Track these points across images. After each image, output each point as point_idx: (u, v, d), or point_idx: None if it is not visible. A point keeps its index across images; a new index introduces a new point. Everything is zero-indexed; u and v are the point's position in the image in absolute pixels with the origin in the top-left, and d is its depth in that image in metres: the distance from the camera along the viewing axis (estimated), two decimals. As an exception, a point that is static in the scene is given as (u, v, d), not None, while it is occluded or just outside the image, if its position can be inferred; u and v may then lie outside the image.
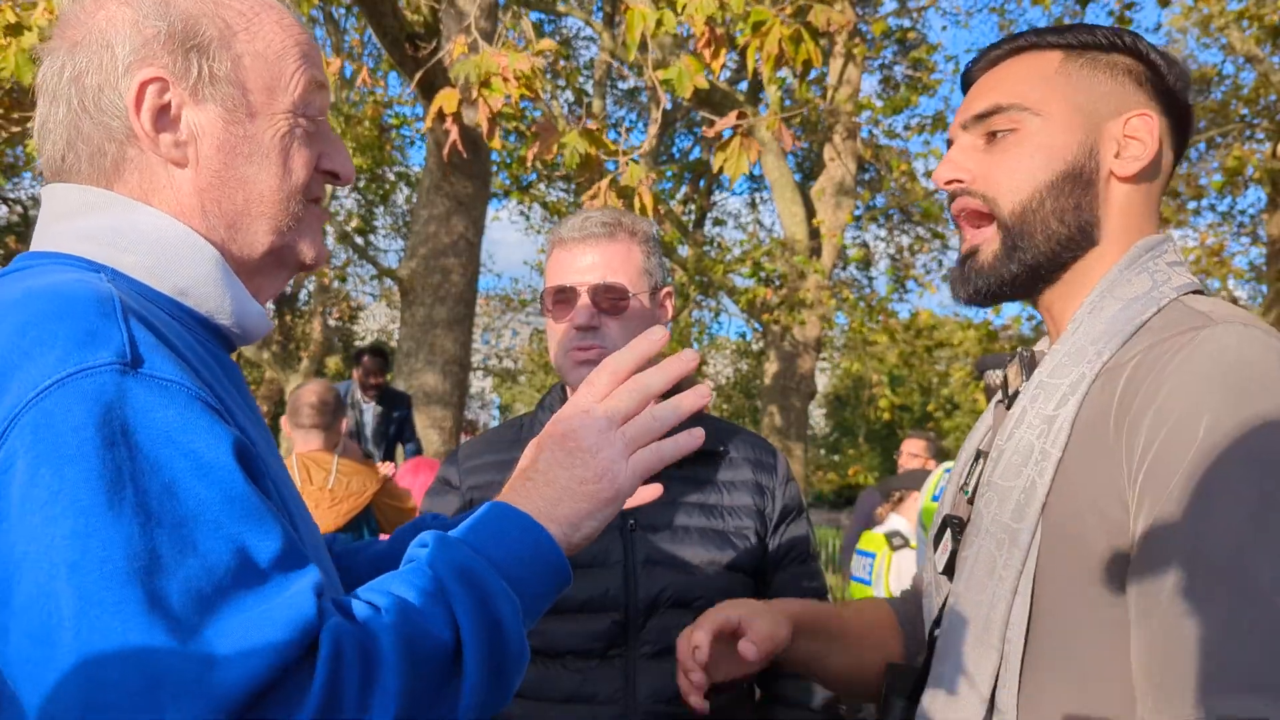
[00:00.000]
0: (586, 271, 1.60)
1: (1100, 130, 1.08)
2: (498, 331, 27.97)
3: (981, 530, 1.04)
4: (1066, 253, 1.08)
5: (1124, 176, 1.08)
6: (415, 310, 7.51)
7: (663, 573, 1.54)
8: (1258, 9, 9.40)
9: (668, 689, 1.50)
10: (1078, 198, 1.07)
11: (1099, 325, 1.03)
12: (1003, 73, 1.13)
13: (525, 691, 1.53)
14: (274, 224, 0.94)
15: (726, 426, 1.75)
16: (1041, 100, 1.08)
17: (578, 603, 1.52)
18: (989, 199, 1.09)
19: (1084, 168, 1.07)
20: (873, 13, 11.35)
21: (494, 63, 3.57)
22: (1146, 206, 1.10)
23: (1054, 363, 1.05)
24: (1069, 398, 1.00)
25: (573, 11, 11.96)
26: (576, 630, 1.52)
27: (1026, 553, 0.98)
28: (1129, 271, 1.06)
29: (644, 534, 1.57)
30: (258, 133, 0.91)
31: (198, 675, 0.65)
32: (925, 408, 21.99)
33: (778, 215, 11.08)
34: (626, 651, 1.52)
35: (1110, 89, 1.08)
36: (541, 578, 0.86)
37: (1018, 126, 1.08)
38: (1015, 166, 1.08)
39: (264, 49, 0.92)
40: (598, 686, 1.51)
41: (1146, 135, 1.07)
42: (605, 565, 1.54)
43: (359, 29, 14.00)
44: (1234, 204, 13.80)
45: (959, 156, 1.12)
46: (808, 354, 10.71)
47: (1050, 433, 1.00)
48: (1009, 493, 1.01)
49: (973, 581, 1.03)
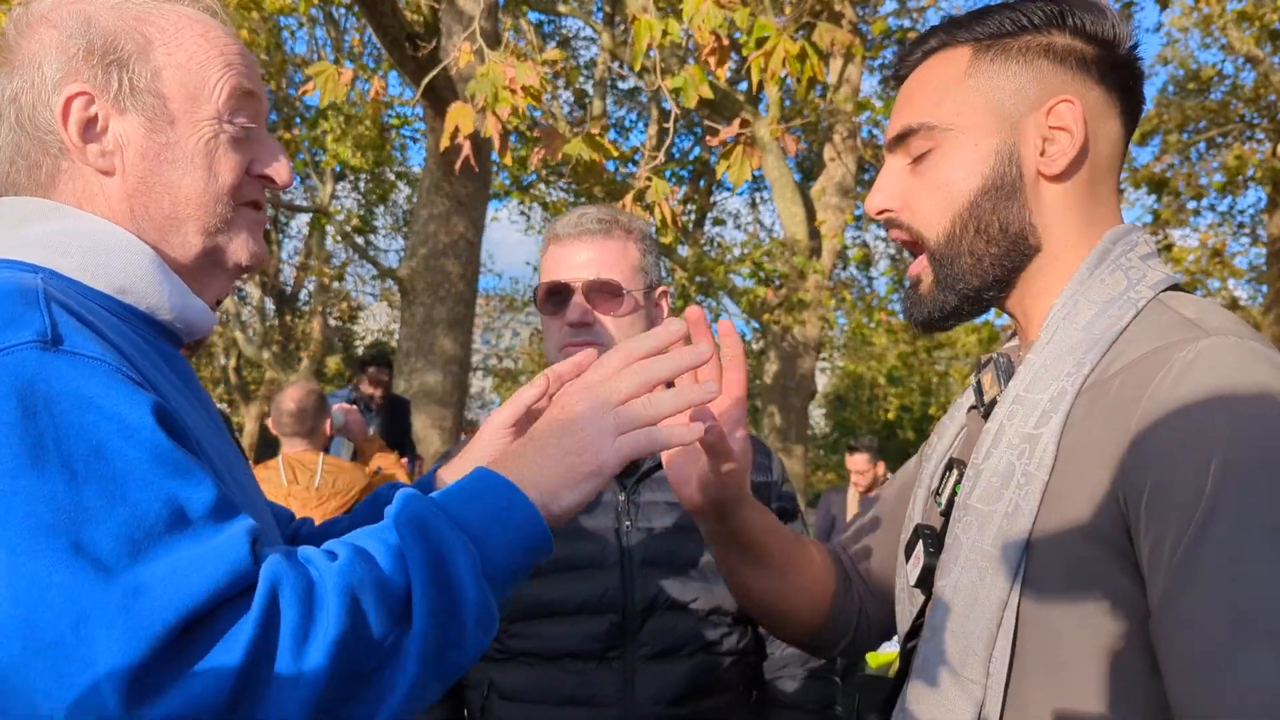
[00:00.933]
0: (581, 268, 1.58)
1: (1019, 130, 1.00)
2: (498, 331, 27.98)
3: (961, 558, 0.97)
4: (1002, 270, 1.02)
5: (1052, 175, 1.00)
6: (415, 310, 7.51)
7: (660, 574, 1.54)
8: (1257, 9, 9.41)
9: (667, 690, 1.50)
10: (1003, 212, 1.00)
11: (1075, 333, 0.96)
12: (916, 82, 1.07)
13: (524, 694, 1.52)
14: (201, 226, 0.97)
15: None
16: (952, 112, 1.01)
17: (575, 604, 1.51)
18: (914, 231, 1.05)
19: (1004, 177, 1.00)
20: (872, 13, 11.36)
21: (501, 74, 3.61)
22: (1093, 196, 1.02)
23: (1030, 375, 0.98)
24: (1050, 415, 0.93)
25: (573, 11, 11.96)
26: (574, 632, 1.51)
27: (1012, 582, 0.92)
28: (1101, 270, 0.99)
29: (640, 535, 1.55)
30: (180, 139, 0.96)
31: (123, 606, 0.68)
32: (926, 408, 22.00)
33: (778, 215, 11.08)
34: (625, 653, 1.51)
35: (1025, 80, 1.00)
36: (512, 540, 0.86)
37: (933, 145, 1.02)
38: (934, 192, 1.03)
39: (185, 60, 0.96)
40: (597, 688, 1.50)
41: (1072, 123, 0.98)
42: (602, 567, 1.53)
43: (359, 29, 14.01)
44: (1234, 204, 13.81)
45: (886, 183, 1.07)
46: (808, 354, 10.71)
47: (1033, 454, 0.93)
48: (989, 518, 0.95)
49: (954, 611, 0.97)
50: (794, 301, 10.05)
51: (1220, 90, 12.05)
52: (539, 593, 1.52)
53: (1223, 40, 10.76)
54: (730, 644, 1.58)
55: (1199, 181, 11.93)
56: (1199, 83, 12.40)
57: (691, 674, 1.52)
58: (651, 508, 1.57)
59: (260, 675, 0.71)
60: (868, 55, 11.28)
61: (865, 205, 1.11)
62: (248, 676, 0.70)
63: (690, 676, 1.52)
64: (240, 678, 0.70)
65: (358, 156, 11.89)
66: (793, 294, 10.09)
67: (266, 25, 13.03)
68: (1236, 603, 0.79)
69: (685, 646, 1.53)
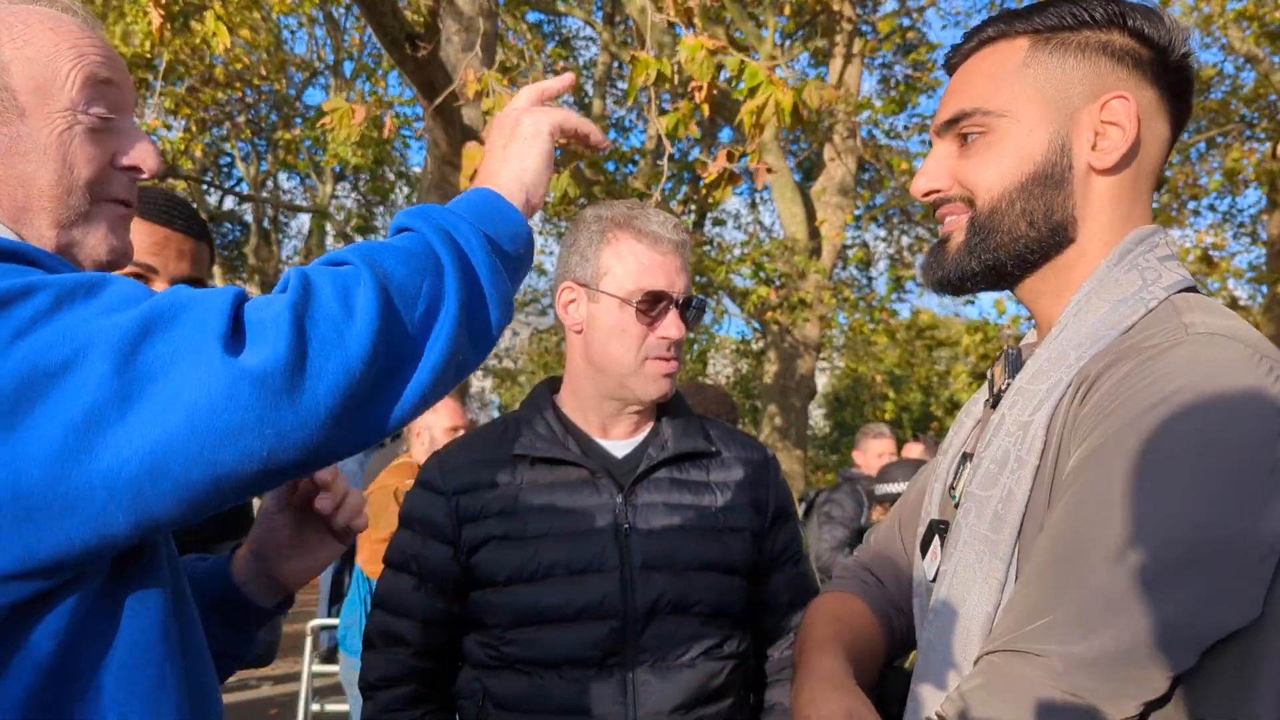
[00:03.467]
0: (677, 279, 1.57)
1: (1073, 121, 1.02)
2: (498, 331, 27.90)
3: (961, 542, 1.01)
4: (1035, 254, 1.04)
5: (1102, 169, 1.02)
6: (415, 310, 7.49)
7: (660, 577, 1.51)
8: (1258, 9, 9.40)
9: (668, 699, 1.47)
10: (1049, 199, 1.02)
11: (1084, 329, 0.99)
12: (972, 69, 1.09)
13: (520, 704, 1.49)
14: (54, 218, 0.97)
15: (720, 428, 1.73)
16: (1008, 100, 1.03)
17: (574, 610, 1.48)
18: (963, 199, 1.07)
19: (1055, 166, 1.02)
20: (872, 12, 11.36)
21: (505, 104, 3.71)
22: (1134, 195, 1.04)
23: (1035, 367, 1.01)
24: (1043, 403, 0.97)
25: (573, 11, 11.96)
26: (573, 639, 1.47)
27: (1007, 565, 0.95)
28: (1118, 269, 1.01)
29: (640, 538, 1.53)
30: (32, 132, 0.95)
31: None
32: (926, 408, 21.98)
33: (778, 215, 11.08)
34: (625, 660, 1.48)
35: (1082, 73, 1.02)
36: (510, 231, 0.96)
37: (986, 130, 1.05)
38: (987, 169, 1.04)
39: (34, 54, 0.96)
40: (596, 697, 1.46)
41: (1125, 119, 1.00)
42: (601, 571, 1.49)
43: (359, 29, 14.00)
44: (1234, 204, 13.81)
45: (934, 166, 1.09)
46: (808, 354, 10.71)
47: (1025, 440, 0.97)
48: (986, 502, 0.99)
49: (953, 594, 1.00)
50: (794, 301, 10.05)
51: (1220, 90, 12.06)
52: (536, 598, 1.49)
53: (1223, 40, 10.76)
54: (731, 648, 1.56)
55: (1199, 181, 11.93)
56: (1199, 82, 12.39)
57: (693, 681, 1.49)
58: (651, 509, 1.55)
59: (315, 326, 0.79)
60: (870, 50, 11.28)
61: (911, 188, 1.12)
62: (299, 328, 0.78)
63: (692, 684, 1.49)
64: (293, 328, 0.77)
65: (358, 156, 11.87)
66: (793, 294, 10.09)
67: (266, 25, 13.03)
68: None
69: (687, 652, 1.50)
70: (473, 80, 3.98)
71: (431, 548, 1.57)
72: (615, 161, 12.08)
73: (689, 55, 3.60)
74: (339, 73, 15.36)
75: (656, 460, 1.58)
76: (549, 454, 1.56)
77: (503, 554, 1.51)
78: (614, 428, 1.62)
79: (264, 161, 16.99)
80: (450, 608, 1.57)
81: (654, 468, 1.58)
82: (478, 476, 1.57)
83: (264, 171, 17.34)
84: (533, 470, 1.56)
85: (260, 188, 17.22)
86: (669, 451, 1.59)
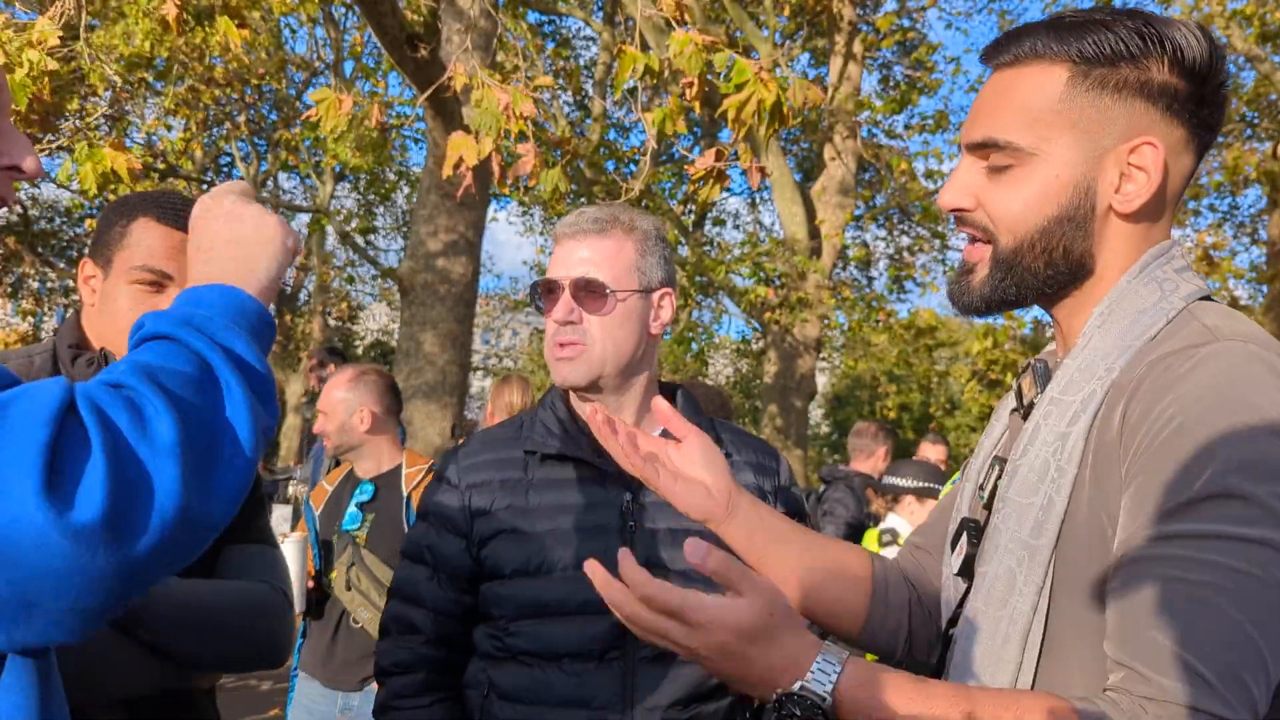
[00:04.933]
0: (573, 266, 1.60)
1: (1100, 162, 1.04)
2: (498, 331, 27.97)
3: (1001, 546, 1.05)
4: (1053, 287, 1.09)
5: (1124, 214, 1.05)
6: (415, 310, 7.51)
7: (663, 575, 1.50)
8: (1258, 9, 9.40)
9: (667, 694, 1.49)
10: (1070, 239, 1.06)
11: (1108, 340, 1.03)
12: (1007, 90, 1.08)
13: (522, 695, 1.51)
14: None
15: (731, 430, 1.74)
16: (1039, 138, 1.04)
17: (576, 604, 1.50)
18: (988, 230, 1.10)
19: (1078, 209, 1.05)
20: (872, 13, 11.36)
21: (495, 101, 3.71)
22: (1153, 226, 1.07)
23: (1066, 378, 1.05)
24: (1080, 415, 1.01)
25: (573, 11, 11.95)
26: (574, 632, 1.50)
27: (1046, 569, 1.00)
28: (1137, 281, 1.05)
29: (645, 535, 1.54)
30: None
31: None
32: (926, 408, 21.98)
33: (778, 215, 11.08)
34: (625, 654, 1.50)
35: (1116, 115, 1.03)
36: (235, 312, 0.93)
37: (1015, 164, 1.06)
38: (1011, 205, 1.07)
39: None
40: (596, 690, 1.48)
41: (1152, 166, 1.02)
42: (605, 566, 1.51)
43: (359, 28, 14.00)
44: (1234, 204, 13.80)
45: (962, 181, 1.10)
46: (808, 354, 10.71)
47: (1064, 450, 1.01)
48: (1027, 510, 1.03)
49: (993, 597, 1.04)
50: (794, 301, 10.05)
51: (1220, 90, 12.00)
52: (540, 592, 1.51)
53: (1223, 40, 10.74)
54: None
55: (1199, 181, 11.93)
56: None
57: (693, 677, 1.51)
58: (658, 508, 1.57)
59: (125, 470, 0.75)
60: (870, 50, 11.28)
61: (939, 200, 1.15)
62: (116, 474, 0.74)
63: (691, 680, 1.51)
64: (109, 476, 0.74)
65: (358, 156, 11.86)
66: (793, 294, 10.09)
67: (267, 25, 13.03)
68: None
69: None
70: (461, 74, 3.97)
71: (445, 539, 1.61)
72: (615, 161, 12.08)
73: (678, 49, 3.62)
74: (339, 73, 15.35)
75: None
76: (559, 450, 1.59)
77: (510, 547, 1.54)
78: None
79: (264, 161, 16.99)
80: (462, 598, 1.60)
81: None
82: (491, 471, 1.62)
83: (264, 171, 17.33)
84: (543, 466, 1.60)
85: (260, 188, 17.22)
86: None
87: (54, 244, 15.34)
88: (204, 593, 1.46)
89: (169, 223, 1.48)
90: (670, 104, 3.94)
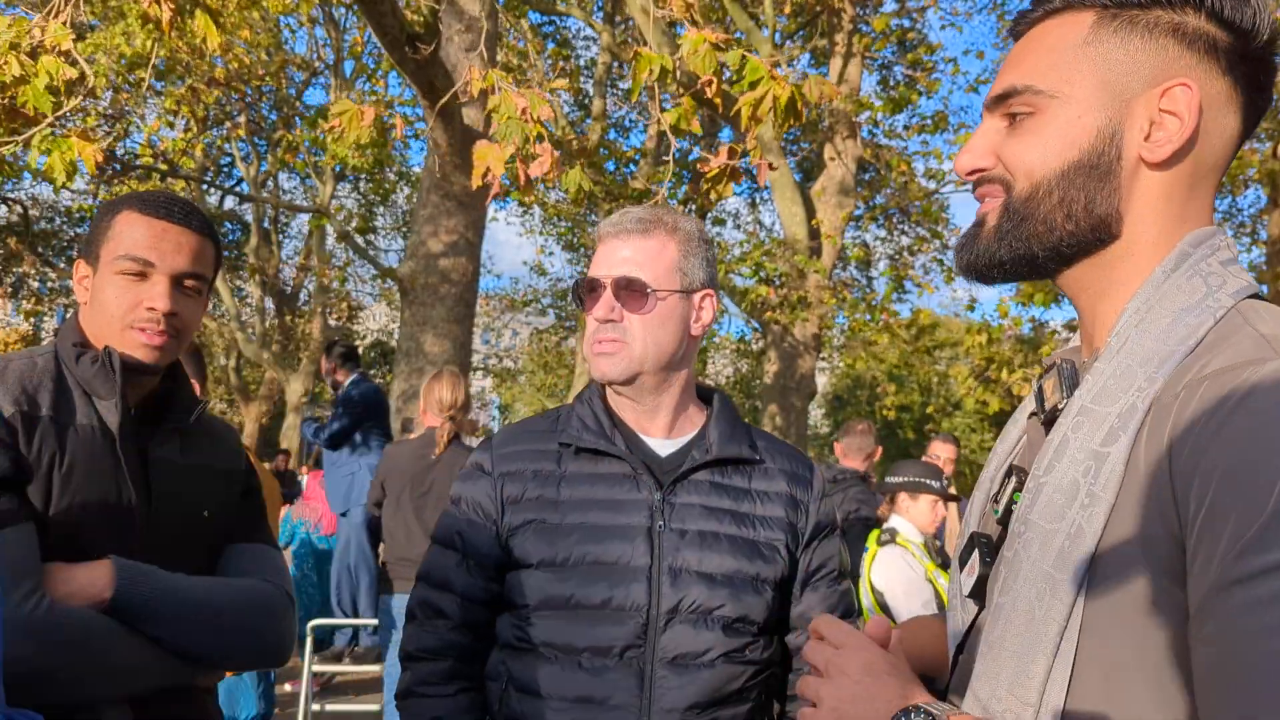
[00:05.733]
0: (616, 265, 1.61)
1: (1128, 108, 0.94)
2: (498, 331, 27.97)
3: (1020, 576, 0.93)
4: (1071, 248, 0.98)
5: (1154, 162, 0.94)
6: (415, 310, 7.51)
7: (687, 579, 1.52)
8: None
9: (684, 697, 1.48)
10: (1091, 190, 0.95)
11: (1148, 342, 0.91)
12: (1031, 42, 1.01)
13: (540, 689, 1.51)
14: None
15: (766, 437, 1.73)
16: (1061, 80, 0.96)
17: (599, 600, 1.50)
18: (1003, 180, 1.00)
19: (1102, 156, 0.95)
20: (872, 12, 11.36)
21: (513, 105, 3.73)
22: (1189, 193, 0.96)
23: (1099, 385, 0.93)
24: (1119, 433, 0.89)
25: (573, 11, 11.96)
26: (596, 628, 1.50)
27: (1071, 606, 0.89)
28: (1178, 275, 0.94)
29: (673, 537, 1.54)
30: None
31: None
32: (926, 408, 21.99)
33: (778, 215, 11.09)
34: (644, 654, 1.50)
35: (1146, 57, 0.94)
36: None
37: (1034, 110, 0.97)
38: (1029, 150, 0.98)
39: None
40: (612, 689, 1.48)
41: (1185, 109, 0.92)
42: (631, 566, 1.52)
43: (359, 29, 14.01)
44: (1234, 204, 13.80)
45: (979, 142, 1.02)
46: (808, 354, 10.72)
47: (1100, 472, 0.89)
48: (1051, 536, 0.91)
49: (1010, 629, 0.93)
50: (794, 301, 10.05)
51: (1220, 90, 12.00)
52: (565, 584, 1.52)
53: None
54: (754, 654, 1.55)
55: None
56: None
57: (711, 682, 1.50)
58: (687, 509, 1.56)
59: None
60: (869, 52, 11.29)
61: (955, 165, 1.06)
62: None
63: (710, 685, 1.49)
64: None
65: (358, 156, 11.87)
66: (793, 294, 10.09)
67: (266, 25, 13.04)
68: (1258, 644, 0.75)
69: (707, 653, 1.50)
70: (477, 78, 3.97)
71: (476, 527, 1.63)
72: (615, 161, 12.08)
73: (691, 49, 3.63)
74: (339, 73, 15.36)
75: (700, 462, 1.60)
76: (593, 445, 1.60)
77: (538, 538, 1.55)
78: (652, 424, 1.66)
79: (264, 161, 17.00)
80: (490, 586, 1.61)
81: (696, 469, 1.60)
82: (525, 461, 1.63)
83: (264, 171, 17.34)
84: (577, 460, 1.61)
85: (260, 188, 17.22)
86: (712, 454, 1.61)
87: (54, 244, 15.36)
88: (210, 590, 1.48)
89: (150, 213, 1.50)
90: (685, 104, 3.94)
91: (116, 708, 1.36)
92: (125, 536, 1.42)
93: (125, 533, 1.42)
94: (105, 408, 1.44)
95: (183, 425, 1.58)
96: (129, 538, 1.42)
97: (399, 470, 4.37)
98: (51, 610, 1.28)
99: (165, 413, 1.57)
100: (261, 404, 20.37)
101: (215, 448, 1.65)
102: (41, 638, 1.26)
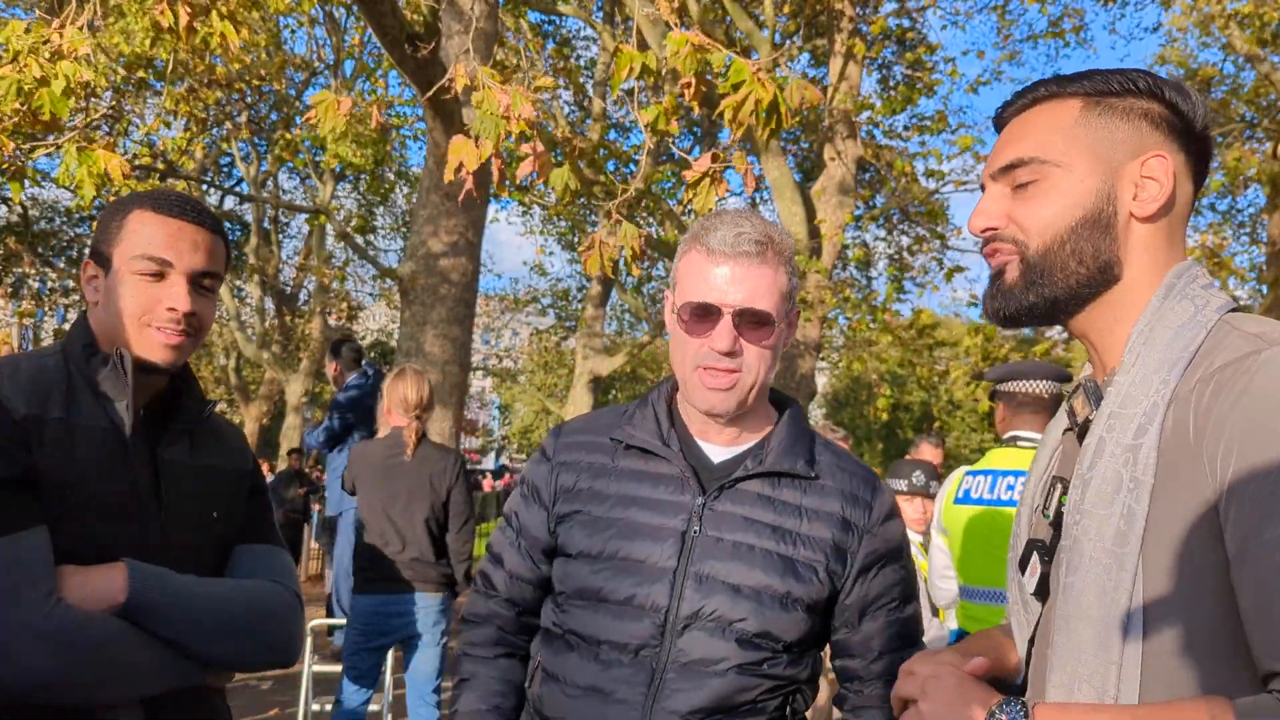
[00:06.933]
0: (733, 291, 1.52)
1: (1118, 174, 1.16)
2: (498, 331, 27.98)
3: (1085, 557, 1.11)
4: (1086, 290, 1.17)
5: (1142, 217, 1.16)
6: (415, 310, 7.51)
7: (713, 586, 1.50)
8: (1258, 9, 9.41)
9: (688, 702, 1.48)
10: (1096, 241, 1.15)
11: (1156, 354, 1.11)
12: (1027, 123, 1.21)
13: (560, 675, 1.55)
14: None
15: (835, 454, 1.66)
16: (1062, 152, 1.17)
17: (622, 596, 1.52)
18: (1018, 241, 1.19)
19: (1103, 212, 1.15)
20: (872, 13, 11.36)
21: (496, 103, 3.71)
22: (1169, 240, 1.18)
23: (1122, 393, 1.13)
24: (1147, 428, 1.08)
25: (573, 11, 11.95)
26: (616, 623, 1.52)
27: (1133, 576, 1.06)
28: (1170, 301, 1.14)
29: (705, 545, 1.52)
30: None
31: None
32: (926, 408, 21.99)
33: (778, 215, 11.09)
34: (658, 654, 1.50)
35: (1126, 134, 1.16)
36: None
37: (1040, 178, 1.17)
38: (1039, 212, 1.17)
39: None
40: (620, 684, 1.50)
41: (1162, 175, 1.14)
42: (657, 565, 1.52)
43: (359, 29, 14.00)
44: (1234, 204, 13.82)
45: (990, 205, 1.21)
46: (808, 354, 10.72)
47: (1137, 461, 1.07)
48: (1107, 519, 1.09)
49: (1083, 604, 1.10)
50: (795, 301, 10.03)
51: (1220, 90, 12.05)
52: (596, 578, 1.54)
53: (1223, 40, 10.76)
54: (775, 669, 1.52)
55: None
56: (1199, 82, 12.40)
57: (720, 691, 1.48)
58: (727, 518, 1.54)
59: None
60: (867, 55, 11.28)
61: (969, 225, 1.24)
62: None
63: (717, 693, 1.48)
64: None
65: (358, 156, 11.86)
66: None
67: (266, 25, 13.02)
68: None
69: (721, 662, 1.49)
70: (462, 74, 3.97)
71: (531, 509, 1.68)
72: (615, 161, 12.08)
73: (674, 49, 3.63)
74: (339, 73, 15.36)
75: (751, 472, 1.57)
76: (645, 444, 1.60)
77: (581, 529, 1.58)
78: (711, 432, 1.63)
79: (264, 161, 16.99)
80: (538, 567, 1.67)
81: (745, 478, 1.57)
82: (583, 452, 1.66)
83: (264, 171, 17.34)
84: (629, 457, 1.62)
85: (260, 188, 17.22)
86: (765, 466, 1.57)
87: (54, 244, 15.34)
88: (221, 592, 1.48)
89: (165, 212, 1.50)
90: (666, 101, 3.96)
91: (129, 709, 1.37)
92: (137, 538, 1.42)
93: (137, 535, 1.43)
94: (116, 409, 1.44)
95: (191, 426, 1.58)
96: (141, 540, 1.43)
97: (368, 469, 4.31)
98: (67, 614, 1.28)
99: (173, 413, 1.57)
100: (261, 404, 20.37)
101: (223, 448, 1.65)
102: (57, 642, 1.26)
